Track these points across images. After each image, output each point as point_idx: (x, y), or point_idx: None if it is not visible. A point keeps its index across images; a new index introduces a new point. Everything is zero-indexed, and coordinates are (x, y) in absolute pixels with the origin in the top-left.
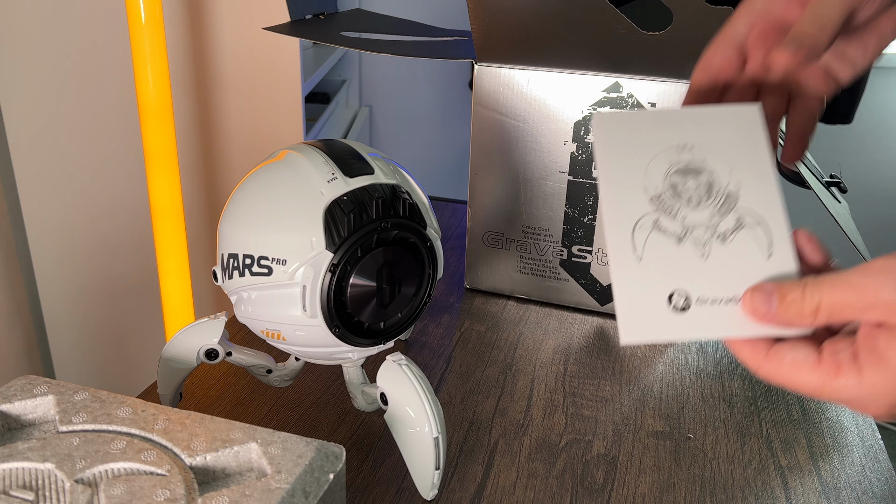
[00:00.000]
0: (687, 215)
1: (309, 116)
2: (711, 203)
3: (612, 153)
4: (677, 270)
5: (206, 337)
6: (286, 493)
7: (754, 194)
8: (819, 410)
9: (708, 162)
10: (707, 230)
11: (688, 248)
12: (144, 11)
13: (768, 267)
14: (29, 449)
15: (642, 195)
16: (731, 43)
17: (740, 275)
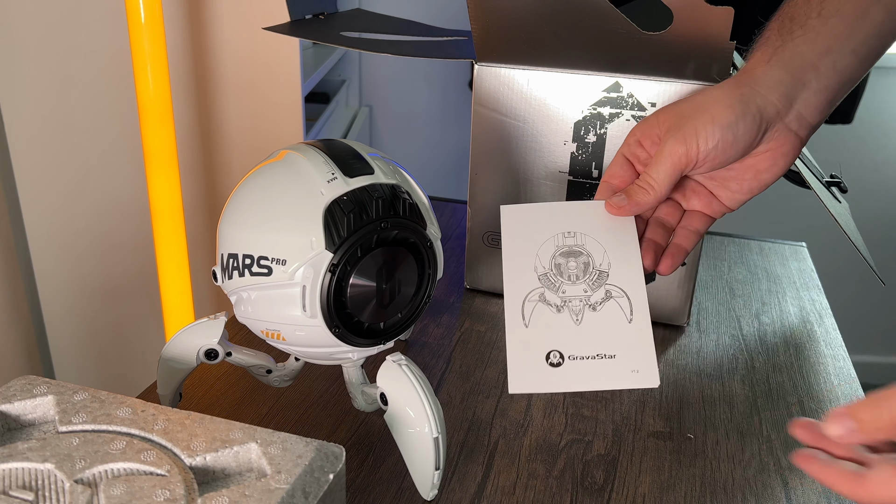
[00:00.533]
0: (566, 290)
1: (309, 116)
2: (587, 279)
3: (513, 239)
4: (555, 334)
5: (205, 337)
6: (286, 493)
7: (621, 272)
8: (819, 410)
9: (586, 246)
10: (581, 301)
11: (565, 315)
12: (144, 11)
13: (629, 330)
14: (29, 449)
15: (533, 274)
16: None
17: (607, 336)
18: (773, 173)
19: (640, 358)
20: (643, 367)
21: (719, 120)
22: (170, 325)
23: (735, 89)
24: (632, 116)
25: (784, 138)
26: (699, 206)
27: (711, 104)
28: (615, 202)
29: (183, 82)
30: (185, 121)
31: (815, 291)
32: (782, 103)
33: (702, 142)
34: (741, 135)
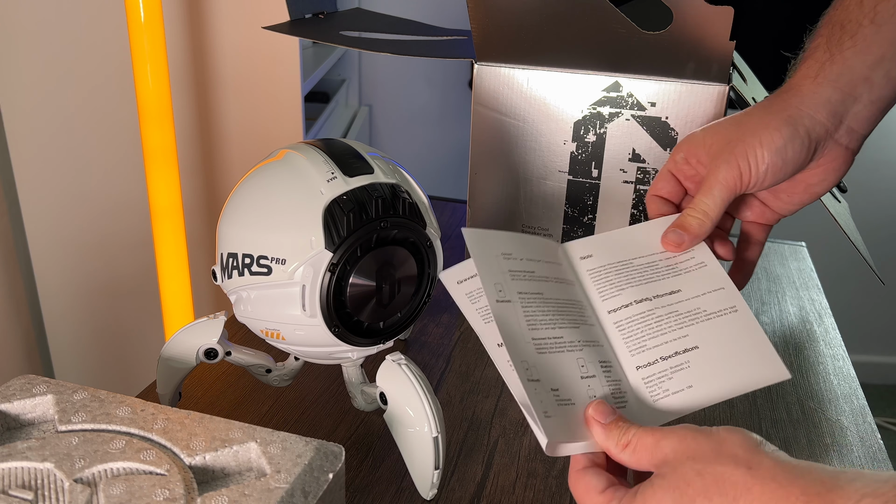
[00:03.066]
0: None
1: (308, 116)
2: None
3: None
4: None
5: (205, 336)
6: (285, 492)
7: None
8: (819, 410)
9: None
10: None
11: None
12: (144, 11)
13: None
14: (28, 448)
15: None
16: (671, 175)
17: None
18: (825, 186)
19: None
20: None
21: (768, 144)
22: (169, 324)
23: (782, 111)
24: (631, 116)
25: (834, 153)
26: (752, 218)
27: (759, 129)
28: (672, 240)
29: (183, 82)
30: (185, 120)
31: (815, 291)
32: (831, 121)
33: (752, 167)
34: (790, 158)
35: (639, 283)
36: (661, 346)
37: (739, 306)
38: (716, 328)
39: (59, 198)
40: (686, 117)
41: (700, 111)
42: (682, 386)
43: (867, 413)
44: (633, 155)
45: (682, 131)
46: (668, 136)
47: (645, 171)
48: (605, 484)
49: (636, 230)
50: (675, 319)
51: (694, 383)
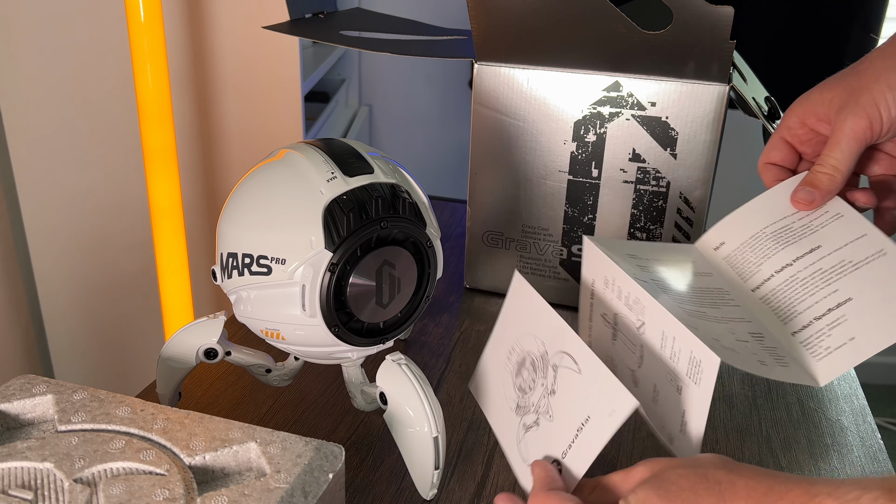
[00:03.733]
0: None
1: (308, 115)
2: (538, 375)
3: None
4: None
5: (205, 336)
6: (285, 492)
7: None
8: (819, 410)
9: (523, 346)
10: (542, 398)
11: (543, 424)
12: (144, 11)
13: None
14: (28, 448)
15: (511, 414)
16: (784, 142)
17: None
18: None
19: (608, 396)
20: (616, 402)
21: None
22: (169, 324)
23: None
24: (631, 116)
25: None
26: (881, 171)
27: (883, 72)
28: (803, 198)
29: (183, 82)
30: (185, 120)
31: None
32: None
33: (884, 112)
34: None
35: (776, 252)
36: (811, 307)
37: (888, 248)
38: (866, 276)
39: (59, 198)
40: (686, 117)
41: (700, 111)
42: (844, 340)
43: (867, 413)
44: (634, 155)
45: (682, 131)
46: (668, 136)
47: (645, 170)
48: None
49: (762, 200)
50: (821, 277)
51: (856, 334)
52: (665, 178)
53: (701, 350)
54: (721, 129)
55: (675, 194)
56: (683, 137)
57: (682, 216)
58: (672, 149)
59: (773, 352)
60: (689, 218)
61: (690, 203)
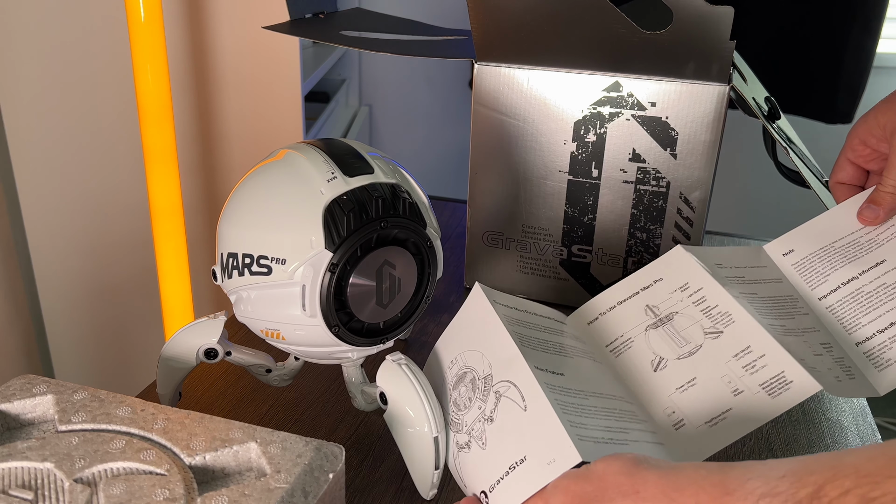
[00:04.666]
0: (466, 421)
1: (308, 116)
2: (476, 396)
3: None
4: (476, 479)
5: (205, 336)
6: (285, 492)
7: (502, 364)
8: (819, 410)
9: (466, 361)
10: (478, 421)
11: (474, 449)
12: (144, 11)
13: (528, 418)
14: (28, 448)
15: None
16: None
17: (511, 442)
18: None
19: (551, 444)
20: (559, 452)
21: None
22: (169, 324)
23: None
24: (631, 116)
25: None
26: None
27: None
28: (868, 215)
29: (183, 82)
30: (185, 120)
31: None
32: None
33: None
34: None
35: (843, 265)
36: (876, 320)
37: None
38: None
39: (59, 198)
40: (686, 117)
41: (700, 111)
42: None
43: (867, 413)
44: (634, 155)
45: (682, 131)
46: (668, 136)
47: (645, 171)
48: None
49: (831, 215)
50: (885, 292)
51: None
52: (665, 178)
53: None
54: (721, 129)
55: (675, 194)
56: (683, 137)
57: (682, 216)
58: (672, 149)
59: (842, 363)
60: (689, 218)
61: (690, 203)
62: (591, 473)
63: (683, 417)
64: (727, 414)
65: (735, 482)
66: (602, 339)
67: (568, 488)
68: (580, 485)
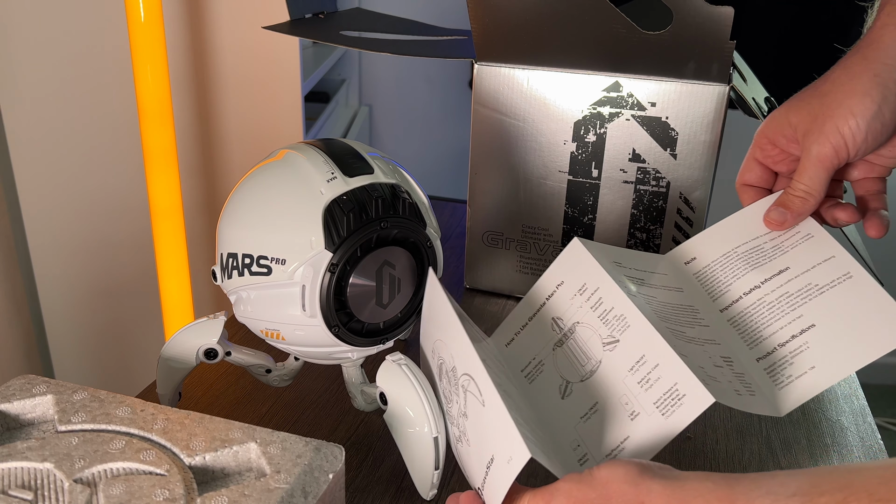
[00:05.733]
0: (453, 414)
1: (308, 116)
2: (453, 389)
3: None
4: (470, 474)
5: (205, 336)
6: (285, 492)
7: (460, 355)
8: (819, 410)
9: (440, 352)
10: (460, 416)
11: (464, 444)
12: (144, 11)
13: (486, 414)
14: (28, 448)
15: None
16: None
17: (482, 439)
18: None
19: (506, 441)
20: (512, 450)
21: (860, 113)
22: (169, 324)
23: (866, 70)
24: (631, 116)
25: None
26: (861, 175)
27: (846, 96)
28: (775, 218)
29: (183, 82)
30: (185, 120)
31: None
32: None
33: (849, 140)
34: (889, 119)
35: (745, 273)
36: (776, 333)
37: (854, 271)
38: (831, 300)
39: (59, 198)
40: (686, 117)
41: (700, 111)
42: (805, 369)
43: (867, 413)
44: (633, 155)
45: (682, 131)
46: (668, 136)
47: (645, 171)
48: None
49: (736, 218)
50: (787, 301)
51: (816, 363)
52: (665, 179)
53: (691, 385)
54: (721, 129)
55: (675, 194)
56: (683, 137)
57: (682, 216)
58: (672, 149)
59: (742, 379)
60: (689, 218)
61: (690, 203)
62: (595, 479)
63: (587, 451)
64: (625, 443)
65: (742, 498)
66: (518, 364)
67: (570, 493)
68: (583, 490)
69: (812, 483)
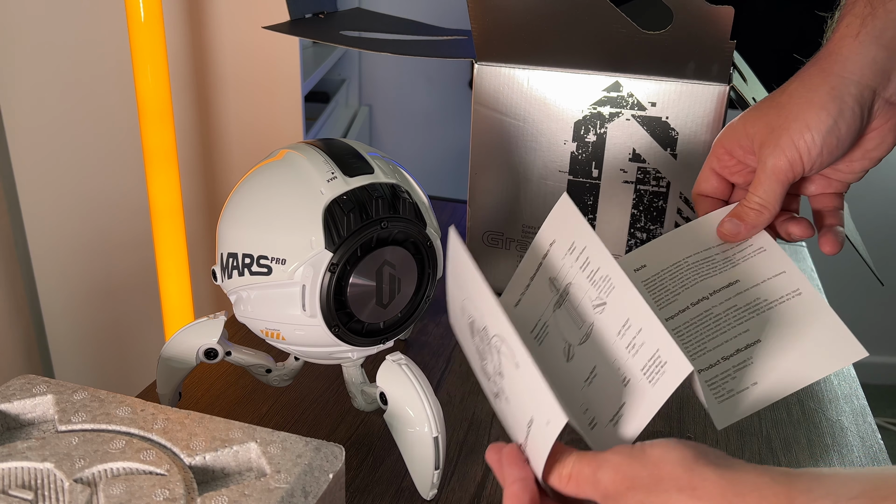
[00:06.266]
0: (489, 371)
1: (308, 116)
2: (486, 347)
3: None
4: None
5: (205, 336)
6: (285, 492)
7: (488, 317)
8: (819, 410)
9: (470, 311)
10: (497, 374)
11: (503, 401)
12: (144, 11)
13: (521, 376)
14: (28, 448)
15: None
16: (714, 173)
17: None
18: (884, 149)
19: (543, 405)
20: (550, 414)
21: (816, 126)
22: (169, 324)
23: (823, 83)
24: (632, 116)
25: (888, 114)
26: (818, 191)
27: (803, 109)
28: (729, 230)
29: (183, 82)
30: (185, 120)
31: None
32: (878, 81)
33: (804, 153)
34: (844, 134)
35: (694, 283)
36: (720, 346)
37: (804, 288)
38: (778, 316)
39: (59, 198)
40: (686, 117)
41: (700, 111)
42: (747, 384)
43: (867, 413)
44: (634, 155)
45: (682, 131)
46: (669, 136)
47: (645, 171)
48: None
49: (690, 228)
50: (734, 315)
51: (759, 379)
52: (665, 178)
53: (671, 352)
54: (721, 128)
55: (675, 194)
56: (683, 137)
57: (682, 216)
58: (672, 149)
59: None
60: (689, 218)
61: (690, 203)
62: (647, 457)
63: (595, 416)
64: (622, 410)
65: (802, 497)
66: (527, 325)
67: (619, 467)
68: (633, 467)
69: (874, 485)
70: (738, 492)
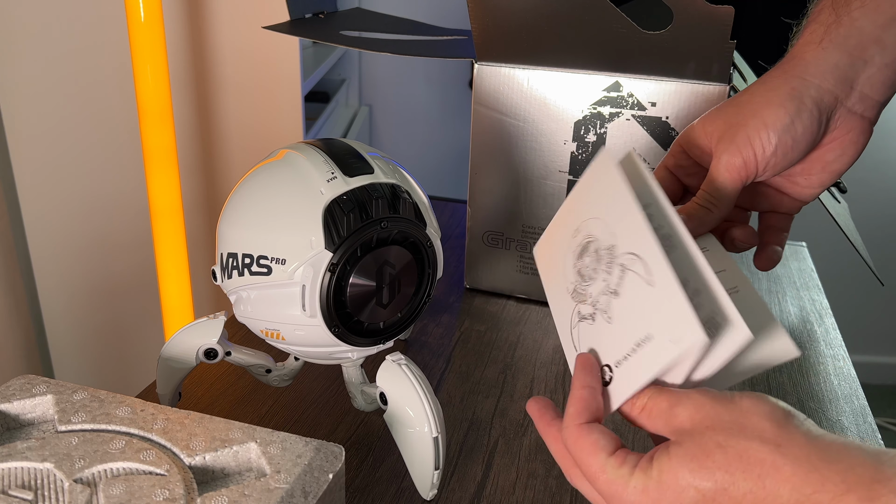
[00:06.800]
0: (591, 292)
1: (308, 116)
2: (601, 267)
3: (547, 272)
4: (599, 350)
5: (205, 336)
6: (285, 492)
7: (627, 234)
8: (819, 411)
9: (590, 230)
10: (603, 294)
11: (599, 322)
12: (144, 11)
13: (654, 294)
14: (28, 448)
15: (567, 296)
16: (668, 172)
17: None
18: (844, 162)
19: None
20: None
21: (773, 124)
22: (169, 324)
23: (784, 84)
24: (632, 116)
25: (849, 124)
26: (769, 207)
27: (761, 107)
28: None
29: (183, 82)
30: (185, 120)
31: (815, 291)
32: (840, 88)
33: (759, 151)
34: (800, 135)
35: None
36: None
37: (742, 287)
38: None
39: (59, 198)
40: (686, 117)
41: (700, 111)
42: None
43: (867, 413)
44: None
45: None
46: (669, 136)
47: None
48: (614, 445)
49: None
50: None
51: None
52: None
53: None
54: None
55: None
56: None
57: None
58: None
59: None
60: None
61: None
62: (734, 404)
63: None
64: None
65: (890, 467)
66: None
67: (702, 406)
68: (717, 409)
69: None
70: (825, 458)
